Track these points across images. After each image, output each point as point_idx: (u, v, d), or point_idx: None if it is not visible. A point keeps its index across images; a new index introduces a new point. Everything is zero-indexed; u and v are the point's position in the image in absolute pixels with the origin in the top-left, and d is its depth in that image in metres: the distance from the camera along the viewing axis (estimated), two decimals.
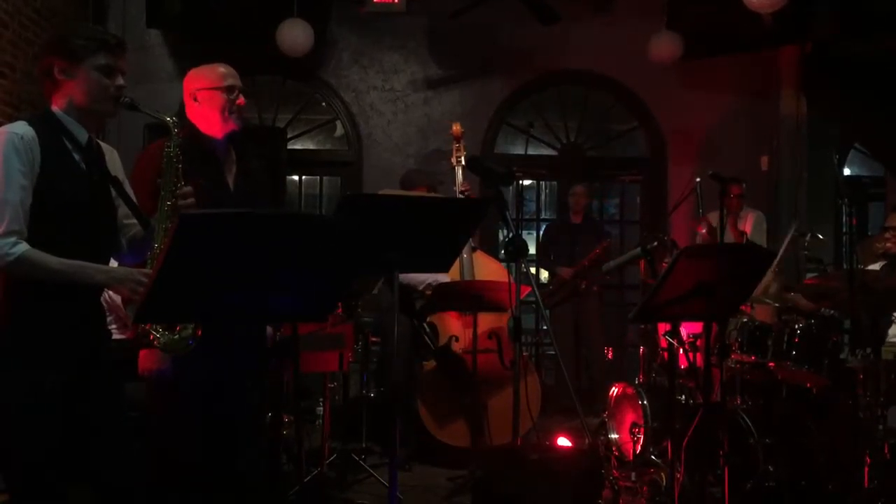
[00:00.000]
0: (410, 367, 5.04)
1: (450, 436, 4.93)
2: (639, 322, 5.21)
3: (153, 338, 2.51)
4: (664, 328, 4.74)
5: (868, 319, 4.24)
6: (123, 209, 2.59)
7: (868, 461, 3.71)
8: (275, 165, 6.64)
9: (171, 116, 2.63)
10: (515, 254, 3.32)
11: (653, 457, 4.47)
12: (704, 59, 7.15)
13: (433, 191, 5.20)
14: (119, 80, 2.47)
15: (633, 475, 4.47)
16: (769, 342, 4.30)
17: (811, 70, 7.32)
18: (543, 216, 9.70)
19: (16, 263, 2.28)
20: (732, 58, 7.31)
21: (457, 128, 5.12)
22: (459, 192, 5.04)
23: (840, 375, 4.12)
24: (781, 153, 7.45)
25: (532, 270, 7.52)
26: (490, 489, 3.20)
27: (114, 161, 2.60)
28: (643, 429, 4.49)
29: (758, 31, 6.56)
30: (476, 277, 4.93)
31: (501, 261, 5.75)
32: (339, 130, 7.90)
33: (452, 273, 4.85)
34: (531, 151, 8.08)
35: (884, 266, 4.62)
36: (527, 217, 8.89)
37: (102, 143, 2.61)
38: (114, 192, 2.54)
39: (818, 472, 4.09)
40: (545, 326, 7.24)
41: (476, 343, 4.48)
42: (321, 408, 5.32)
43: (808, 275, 6.06)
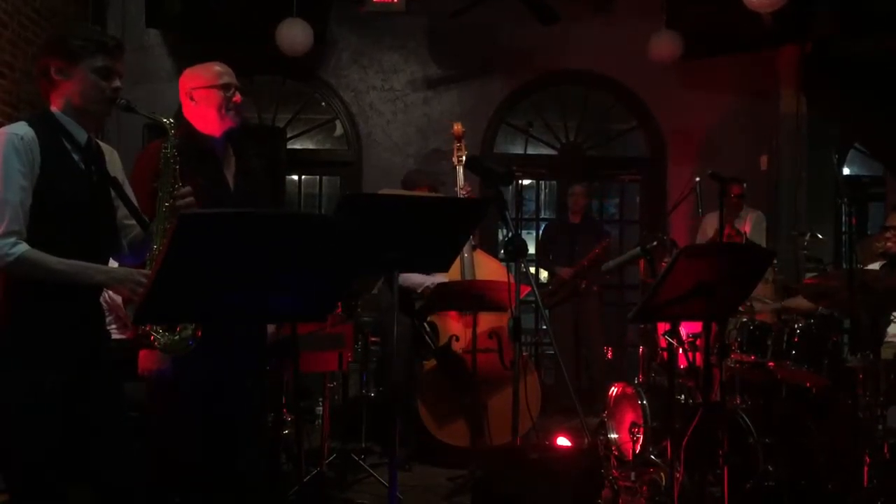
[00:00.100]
0: (410, 367, 5.04)
1: (450, 435, 4.93)
2: (638, 322, 5.21)
3: (153, 338, 2.51)
4: (664, 328, 4.73)
5: (868, 319, 4.24)
6: (123, 210, 2.59)
7: (868, 461, 3.71)
8: (274, 165, 6.64)
9: (168, 117, 2.63)
10: (515, 254, 3.32)
11: (652, 456, 4.47)
12: (704, 59, 7.15)
13: (434, 191, 5.20)
14: (116, 83, 2.46)
15: (633, 475, 4.46)
16: (769, 342, 4.30)
17: (811, 70, 7.32)
18: (543, 216, 9.69)
19: (16, 264, 2.28)
20: (732, 57, 7.30)
21: (458, 127, 5.10)
22: (461, 193, 5.03)
23: (840, 375, 4.13)
24: (781, 153, 7.45)
25: (532, 270, 7.52)
26: (490, 489, 3.20)
27: (114, 162, 2.60)
28: (643, 428, 4.49)
29: (758, 31, 6.56)
30: (476, 276, 4.93)
31: (501, 260, 5.75)
32: (339, 130, 7.90)
33: (453, 272, 4.85)
34: (531, 151, 8.08)
35: (883, 265, 4.62)
36: (526, 217, 8.87)
37: (102, 144, 2.61)
38: (113, 193, 2.54)
39: (818, 472, 4.09)
40: (544, 326, 7.25)
41: (476, 343, 4.48)
42: (321, 407, 5.32)
43: (808, 274, 6.06)
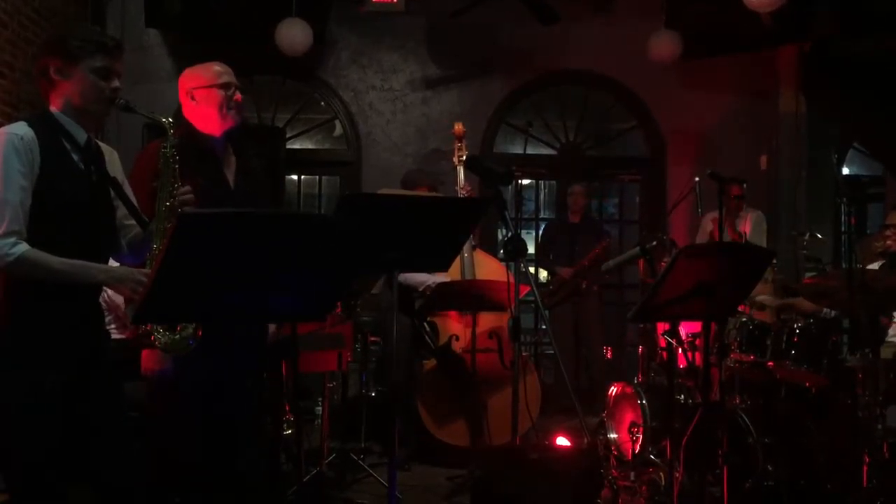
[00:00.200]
0: (410, 367, 5.04)
1: (449, 435, 4.93)
2: (638, 321, 5.21)
3: (154, 338, 2.51)
4: (663, 328, 4.74)
5: (867, 318, 4.24)
6: (123, 210, 2.59)
7: (867, 460, 3.70)
8: (273, 165, 6.64)
9: (167, 117, 2.63)
10: (514, 253, 3.33)
11: (652, 456, 4.46)
12: (704, 59, 7.15)
13: (434, 190, 5.20)
14: (115, 83, 2.47)
15: (633, 475, 4.46)
16: (768, 341, 4.31)
17: (811, 70, 7.32)
18: (542, 216, 9.69)
19: (16, 263, 2.28)
20: (732, 57, 7.30)
21: (459, 127, 5.08)
22: (461, 193, 5.03)
23: (839, 375, 4.13)
24: (781, 153, 7.45)
25: (531, 270, 7.52)
26: (489, 489, 3.20)
27: (113, 162, 2.60)
28: (642, 428, 4.48)
29: (757, 31, 6.55)
30: (476, 276, 4.93)
31: (501, 260, 5.75)
32: (338, 130, 7.90)
33: (453, 271, 4.85)
34: (530, 151, 8.10)
35: (883, 265, 4.62)
36: (526, 216, 8.87)
37: (102, 144, 2.61)
38: (113, 193, 2.55)
39: (817, 472, 4.09)
40: (544, 326, 7.25)
41: (475, 342, 4.48)
42: (320, 407, 5.32)
43: (808, 274, 6.06)
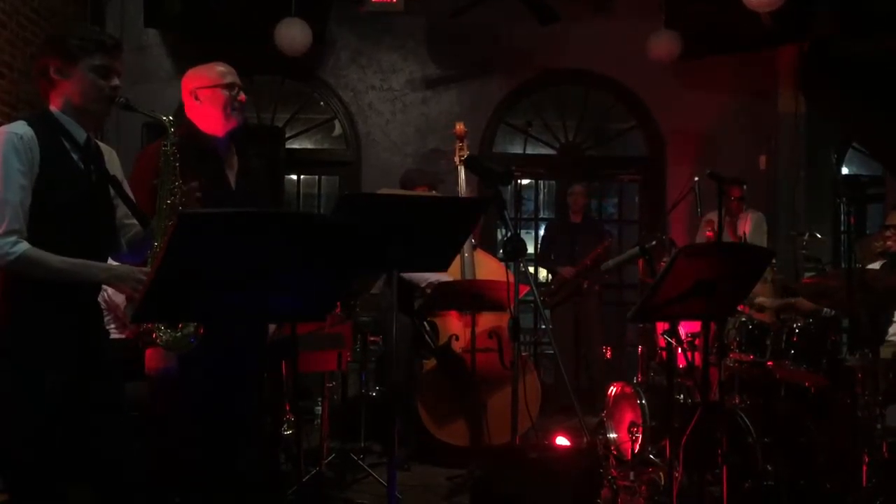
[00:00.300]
0: (411, 367, 5.04)
1: (449, 435, 4.92)
2: (637, 321, 5.22)
3: (155, 335, 2.51)
4: (662, 327, 4.74)
5: (867, 318, 4.25)
6: (122, 209, 2.59)
7: (867, 460, 3.71)
8: (273, 165, 6.64)
9: (167, 115, 2.63)
10: (514, 253, 3.33)
11: (651, 456, 4.47)
12: (703, 59, 7.15)
13: (434, 190, 5.20)
14: (115, 81, 2.47)
15: (632, 474, 4.46)
16: (768, 341, 4.31)
17: (810, 69, 7.32)
18: (542, 216, 9.69)
19: (17, 262, 2.28)
20: (731, 57, 7.31)
21: (460, 127, 5.06)
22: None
23: (839, 374, 4.13)
24: (780, 152, 7.45)
25: (531, 270, 7.52)
26: (489, 489, 3.20)
27: (112, 161, 2.61)
28: (642, 428, 4.49)
29: (757, 31, 6.55)
30: (476, 276, 4.93)
31: (500, 260, 5.75)
32: (338, 130, 7.90)
33: (453, 271, 4.85)
34: (530, 151, 8.10)
35: (883, 265, 4.62)
36: (525, 216, 8.87)
37: (101, 144, 2.61)
38: (112, 192, 2.55)
39: (817, 472, 4.09)
40: (543, 326, 7.25)
41: (475, 342, 4.48)
42: (320, 407, 5.32)
43: (807, 274, 6.06)
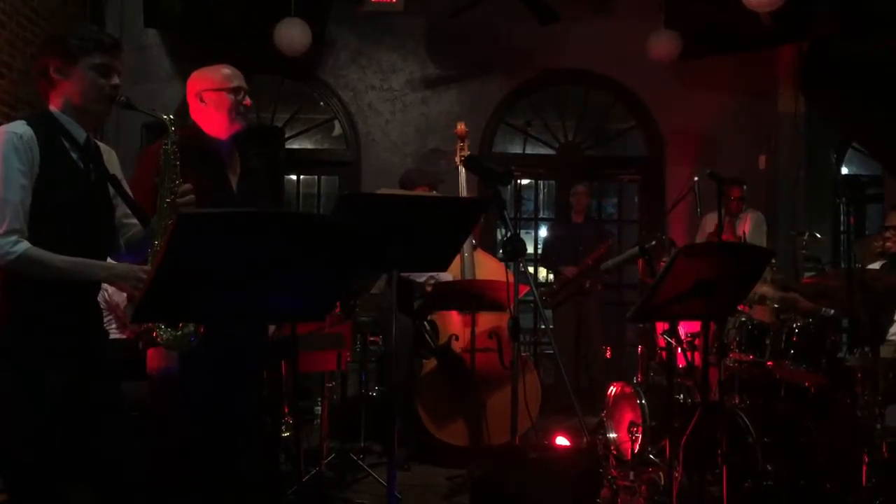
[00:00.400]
0: (411, 367, 5.04)
1: (449, 435, 4.93)
2: (637, 321, 5.22)
3: (156, 335, 2.51)
4: (662, 327, 4.74)
5: (866, 318, 4.24)
6: (122, 209, 2.60)
7: (866, 460, 3.71)
8: (273, 165, 6.63)
9: (168, 114, 2.63)
10: (514, 253, 3.32)
11: (651, 456, 4.47)
12: (703, 59, 7.15)
13: (433, 189, 5.20)
14: (115, 80, 2.47)
15: (632, 474, 4.46)
16: (767, 341, 4.30)
17: (810, 69, 7.32)
18: (541, 216, 9.70)
19: (18, 262, 2.28)
20: (731, 57, 7.30)
21: (461, 127, 5.06)
22: None
23: (838, 374, 4.13)
24: (780, 152, 7.45)
25: (531, 270, 7.52)
26: (489, 488, 3.20)
27: (112, 160, 2.61)
28: (641, 428, 4.49)
29: (757, 31, 6.55)
30: (476, 276, 4.94)
31: (500, 260, 5.76)
32: (337, 130, 7.90)
33: (453, 271, 4.85)
34: (529, 151, 8.10)
35: (883, 265, 4.62)
36: (525, 216, 8.88)
37: (100, 143, 2.61)
38: (112, 192, 2.55)
39: (817, 471, 4.09)
40: (543, 326, 7.25)
41: (475, 342, 4.48)
42: (319, 407, 5.32)
43: (807, 274, 6.06)
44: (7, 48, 5.68)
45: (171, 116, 2.63)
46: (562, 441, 3.99)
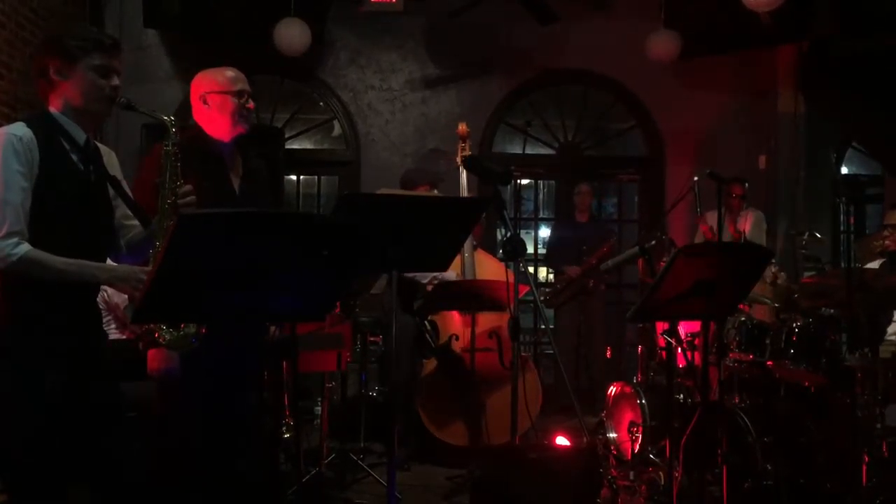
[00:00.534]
0: (412, 367, 5.04)
1: (449, 435, 4.93)
2: (637, 321, 5.21)
3: (158, 335, 2.51)
4: (662, 327, 4.74)
5: (866, 318, 4.25)
6: (122, 210, 2.59)
7: (866, 459, 3.71)
8: (272, 165, 6.62)
9: (168, 115, 2.63)
10: (513, 253, 3.33)
11: (651, 456, 4.47)
12: (703, 58, 7.15)
13: (434, 189, 5.20)
14: (114, 81, 2.47)
15: (632, 474, 4.47)
16: (767, 341, 4.30)
17: (810, 69, 7.32)
18: (541, 215, 9.70)
19: (18, 264, 2.28)
20: (731, 57, 7.31)
21: (463, 127, 5.04)
22: None
23: (838, 374, 4.13)
24: (779, 152, 7.46)
25: (531, 270, 7.52)
26: (489, 488, 3.20)
27: (111, 162, 2.61)
28: (641, 428, 4.49)
29: (756, 31, 6.56)
30: (477, 276, 4.94)
31: (500, 260, 5.76)
32: (337, 130, 7.90)
33: (454, 271, 4.85)
34: (529, 151, 8.10)
35: (883, 264, 4.62)
36: (525, 216, 8.88)
37: (100, 144, 2.61)
38: (112, 193, 2.55)
39: (817, 471, 4.09)
40: (543, 326, 7.25)
41: (475, 342, 4.48)
42: (319, 407, 5.32)
43: (806, 273, 6.06)
44: (6, 48, 5.68)
45: (172, 117, 2.63)
46: (562, 441, 3.99)
